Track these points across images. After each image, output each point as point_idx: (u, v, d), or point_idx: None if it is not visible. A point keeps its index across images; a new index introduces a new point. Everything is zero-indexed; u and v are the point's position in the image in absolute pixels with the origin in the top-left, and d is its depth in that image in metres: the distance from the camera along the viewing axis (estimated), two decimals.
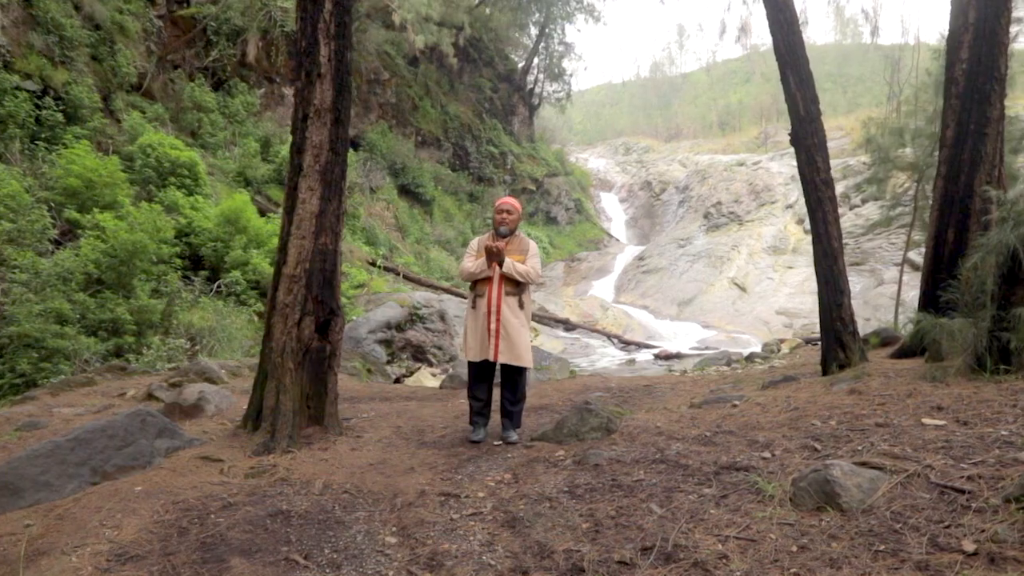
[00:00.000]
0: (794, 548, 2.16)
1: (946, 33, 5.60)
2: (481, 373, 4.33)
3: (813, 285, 20.50)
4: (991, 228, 5.04)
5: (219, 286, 12.21)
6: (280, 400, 3.86)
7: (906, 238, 19.88)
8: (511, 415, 4.32)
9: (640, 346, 17.49)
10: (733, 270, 23.83)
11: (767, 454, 3.15)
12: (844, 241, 19.58)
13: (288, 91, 21.06)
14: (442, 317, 14.59)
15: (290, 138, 16.91)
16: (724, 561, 2.14)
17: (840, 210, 21.01)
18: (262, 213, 14.95)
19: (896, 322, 11.79)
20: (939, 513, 2.22)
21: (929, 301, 5.25)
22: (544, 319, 18.36)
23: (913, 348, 5.32)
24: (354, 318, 13.65)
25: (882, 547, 2.07)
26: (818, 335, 18.33)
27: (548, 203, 31.24)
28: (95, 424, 3.35)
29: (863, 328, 17.46)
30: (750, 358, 9.24)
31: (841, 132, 30.86)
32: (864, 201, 22.91)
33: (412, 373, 11.87)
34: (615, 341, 18.19)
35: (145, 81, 15.87)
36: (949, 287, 4.88)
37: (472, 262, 4.22)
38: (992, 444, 2.73)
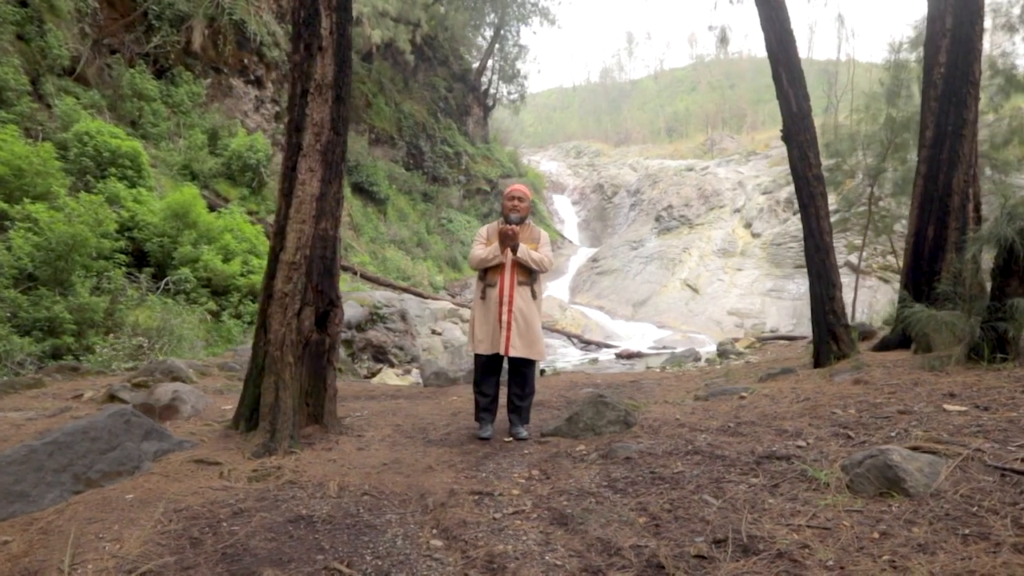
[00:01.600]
0: (875, 535, 2.10)
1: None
2: (489, 367, 4.14)
3: (761, 286, 21.22)
4: (969, 224, 5.27)
5: (167, 284, 11.48)
6: (280, 397, 3.55)
7: (846, 242, 20.91)
8: (520, 410, 4.16)
9: (600, 346, 17.62)
10: (685, 272, 24.42)
11: (801, 443, 3.11)
12: (789, 245, 20.20)
13: (236, 82, 20.16)
14: (403, 317, 14.25)
15: (240, 130, 16.17)
16: (807, 551, 2.06)
17: (784, 215, 21.80)
18: (211, 208, 14.20)
19: (851, 319, 12.30)
20: (1009, 495, 2.22)
21: (911, 295, 5.43)
22: None
23: (894, 340, 5.49)
24: None
25: (967, 531, 2.03)
26: (769, 334, 18.79)
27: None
28: (75, 426, 2.96)
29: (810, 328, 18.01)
30: (723, 355, 9.40)
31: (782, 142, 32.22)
32: None
33: (374, 374, 11.50)
34: (575, 341, 18.27)
35: (79, 65, 14.77)
36: (936, 281, 5.06)
37: (483, 249, 4.04)
38: None
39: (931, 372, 4.14)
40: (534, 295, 4.09)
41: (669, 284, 24.16)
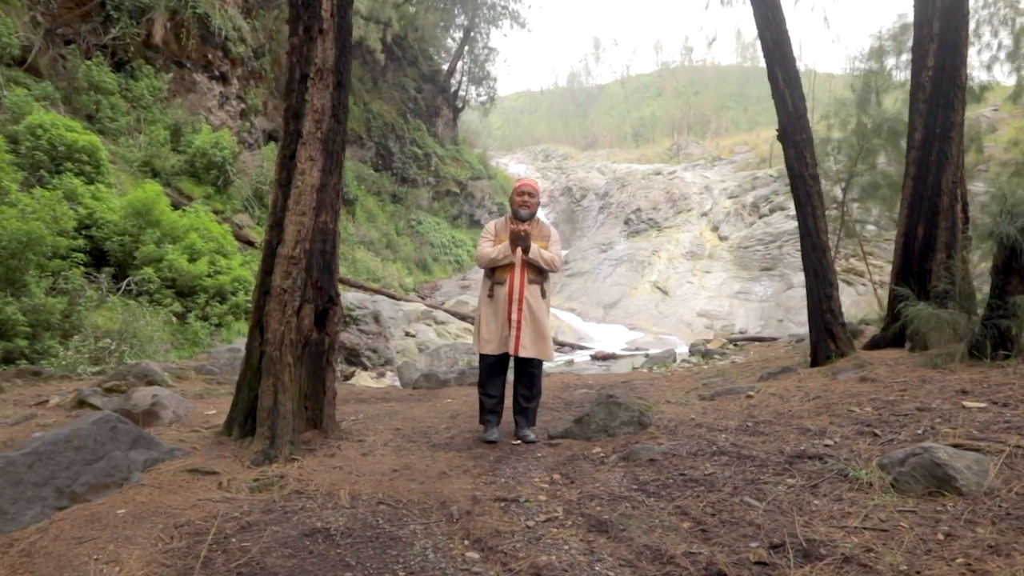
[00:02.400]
0: (939, 536, 2.03)
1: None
2: (496, 368, 3.98)
3: (730, 289, 21.60)
4: (957, 224, 5.37)
5: (129, 284, 10.93)
6: (279, 400, 3.31)
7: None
8: (526, 412, 4.01)
9: (574, 347, 17.59)
10: (654, 274, 24.67)
11: (828, 441, 3.05)
12: (755, 248, 20.65)
13: (199, 77, 19.47)
14: (376, 319, 13.94)
15: (204, 127, 15.61)
16: (873, 555, 1.97)
17: (750, 219, 22.23)
18: (175, 207, 13.62)
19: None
20: None
21: (900, 294, 5.50)
22: None
23: (885, 339, 5.56)
24: None
25: None
26: (739, 335, 19.07)
27: (472, 206, 30.98)
28: (57, 434, 2.67)
29: (781, 329, 18.42)
30: (707, 355, 9.44)
31: (746, 147, 32.98)
32: (772, 211, 24.53)
33: (348, 377, 11.18)
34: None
35: (30, 55, 13.98)
36: (927, 280, 5.14)
37: (492, 247, 3.88)
38: None
39: (935, 370, 4.17)
40: (543, 294, 3.95)
41: (639, 286, 24.36)
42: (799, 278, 21.03)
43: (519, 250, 3.83)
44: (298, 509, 2.66)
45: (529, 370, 3.98)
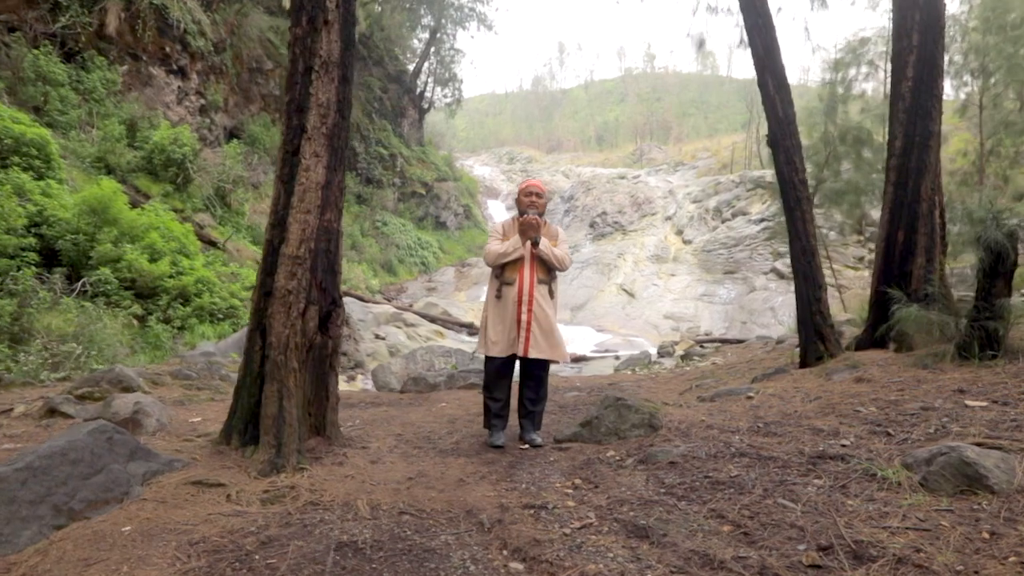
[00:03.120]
0: (984, 535, 2.06)
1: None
2: (503, 370, 3.91)
3: (695, 291, 22.06)
4: (936, 230, 5.57)
5: (84, 285, 10.38)
6: (284, 407, 3.15)
7: (771, 249, 22.10)
8: (533, 416, 3.95)
9: None
10: (621, 277, 24.95)
11: (844, 441, 3.09)
12: (718, 251, 21.24)
13: (157, 71, 18.71)
14: (346, 322, 13.63)
15: (163, 123, 15.02)
16: (924, 555, 1.98)
17: (713, 223, 22.83)
18: (132, 205, 13.03)
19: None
20: None
21: (881, 297, 5.67)
22: (448, 323, 17.86)
23: (867, 340, 5.71)
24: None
25: None
26: (704, 336, 19.43)
27: (438, 208, 30.74)
28: (51, 446, 2.46)
29: (745, 331, 18.83)
30: (686, 356, 9.55)
31: (708, 153, 33.77)
32: (734, 215, 25.16)
33: None
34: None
35: None
36: (907, 282, 5.31)
37: (501, 244, 3.80)
38: None
39: (925, 370, 4.29)
40: (552, 294, 3.90)
41: (606, 289, 24.60)
42: (760, 281, 21.62)
43: (528, 249, 3.77)
44: (317, 522, 2.53)
45: (536, 373, 3.92)
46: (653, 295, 23.07)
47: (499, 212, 36.31)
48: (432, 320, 17.36)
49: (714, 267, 23.07)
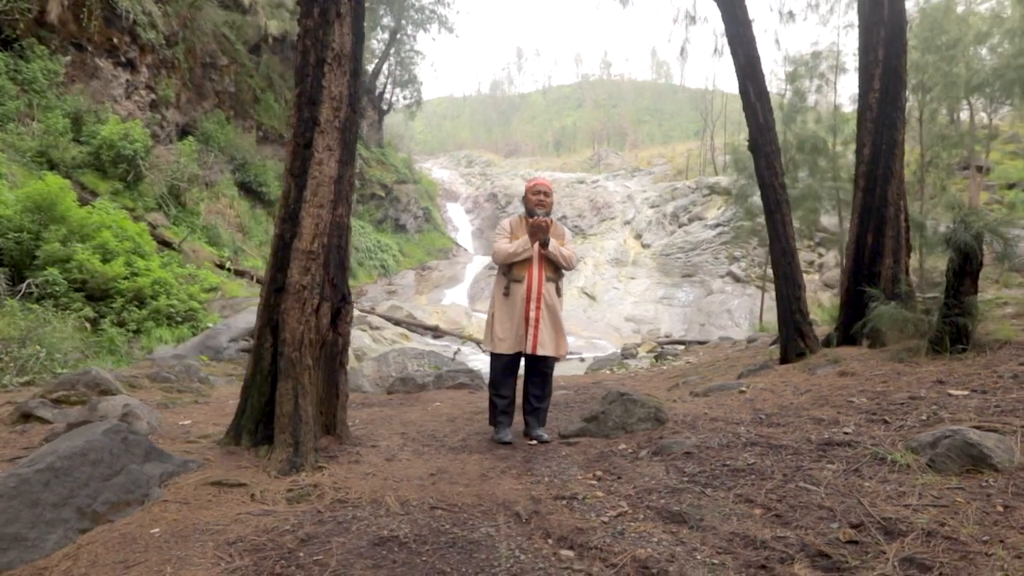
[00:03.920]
0: (999, 508, 2.22)
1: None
2: (509, 368, 3.93)
3: (654, 294, 22.55)
4: (901, 233, 5.91)
5: (29, 286, 9.84)
6: (299, 404, 3.08)
7: (728, 253, 22.85)
8: (538, 413, 3.99)
9: None
10: (582, 280, 25.29)
11: (846, 429, 3.26)
12: (676, 255, 21.82)
13: (103, 63, 17.88)
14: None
15: (112, 117, 14.38)
16: (950, 528, 2.12)
17: (671, 227, 23.47)
18: (81, 203, 12.42)
19: (761, 323, 13.35)
20: None
21: (852, 296, 5.98)
22: (413, 326, 17.70)
23: (838, 337, 6.02)
24: (210, 325, 11.94)
25: None
26: (666, 338, 19.82)
27: (397, 210, 30.44)
28: (71, 447, 2.33)
29: (703, 333, 19.34)
30: (660, 357, 9.78)
31: (664, 159, 34.64)
32: (691, 220, 25.92)
33: None
34: (484, 348, 18.14)
35: None
36: (876, 282, 5.63)
37: (510, 243, 3.83)
38: None
39: (901, 363, 4.56)
40: (559, 292, 3.96)
41: (567, 292, 24.89)
42: (717, 284, 22.33)
43: (537, 247, 3.82)
44: (350, 518, 2.49)
45: (542, 369, 3.96)
46: (614, 298, 23.50)
47: (459, 215, 36.24)
48: (397, 323, 17.16)
49: (672, 270, 23.68)
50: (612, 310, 22.74)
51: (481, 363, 16.35)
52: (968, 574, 1.85)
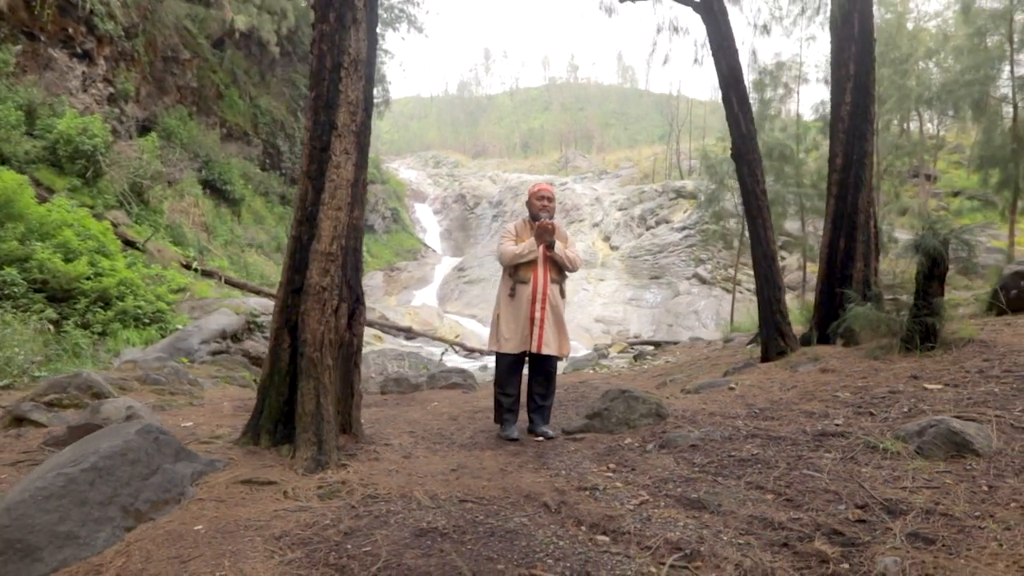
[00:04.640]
0: (984, 488, 2.47)
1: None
2: (514, 367, 4.06)
3: (623, 296, 22.94)
4: (871, 238, 6.28)
5: None
6: (321, 404, 3.14)
7: (694, 256, 23.44)
8: (542, 410, 4.13)
9: (483, 353, 17.75)
10: None
11: (837, 421, 3.50)
12: (644, 257, 22.28)
13: (58, 54, 17.22)
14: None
15: (69, 110, 13.94)
16: (944, 506, 2.35)
17: (639, 230, 23.96)
18: (39, 201, 11.97)
19: (732, 323, 13.79)
20: None
21: (826, 297, 6.32)
22: (386, 327, 17.61)
23: (811, 337, 6.35)
24: (180, 327, 11.67)
25: None
26: (636, 339, 20.17)
27: (365, 210, 30.05)
28: (112, 447, 2.34)
29: (672, 334, 19.80)
30: (639, 357, 10.04)
31: (630, 163, 35.27)
32: (658, 223, 26.50)
33: None
34: (457, 349, 18.23)
35: None
36: (848, 285, 5.98)
37: (515, 245, 3.95)
38: (1012, 396, 3.42)
39: (877, 360, 4.87)
40: (563, 293, 4.11)
41: None
42: (684, 286, 22.90)
43: (543, 249, 3.96)
44: (385, 512, 2.58)
45: (546, 368, 4.10)
46: (583, 299, 23.82)
47: (427, 216, 36.08)
48: (370, 324, 17.03)
49: (640, 272, 24.17)
50: (582, 311, 23.05)
51: (467, 365, 16.39)
52: (967, 545, 2.07)
